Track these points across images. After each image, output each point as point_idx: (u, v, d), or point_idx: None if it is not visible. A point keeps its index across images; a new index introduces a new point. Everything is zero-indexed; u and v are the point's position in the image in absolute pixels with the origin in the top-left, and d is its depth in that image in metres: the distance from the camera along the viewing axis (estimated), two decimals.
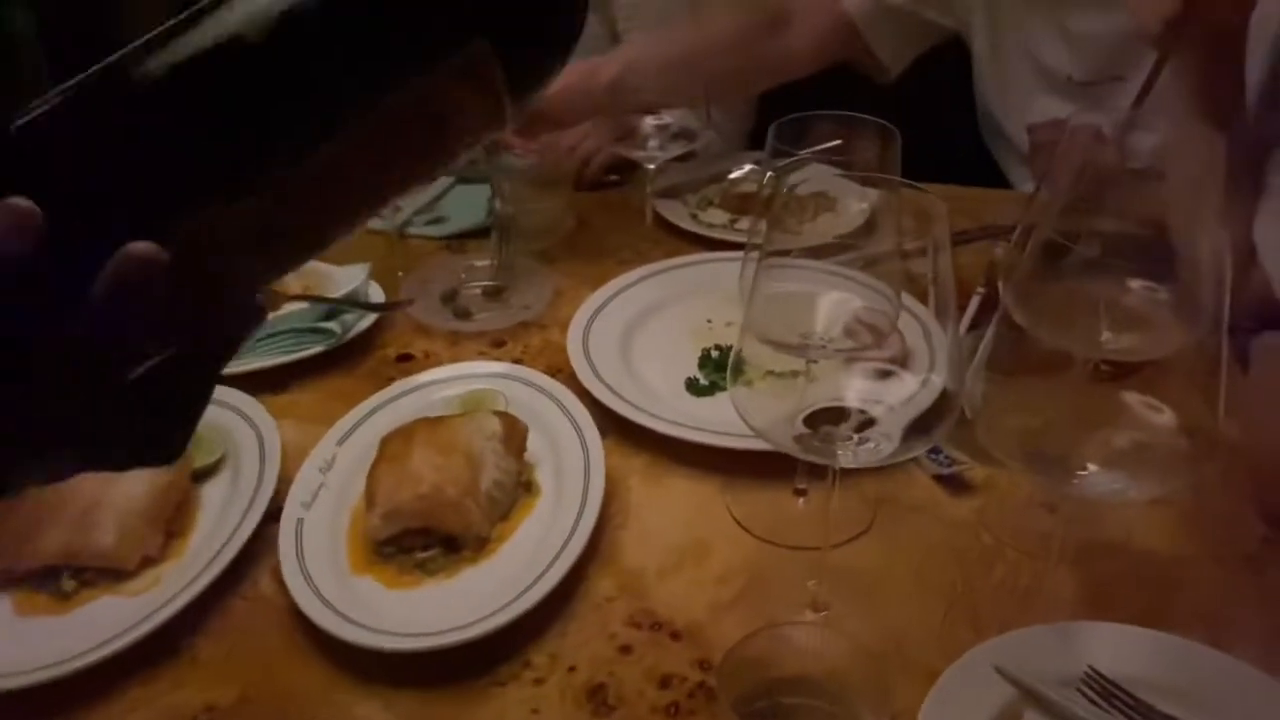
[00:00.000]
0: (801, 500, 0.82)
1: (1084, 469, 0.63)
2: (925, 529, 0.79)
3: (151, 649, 0.69)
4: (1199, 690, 0.64)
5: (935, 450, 0.85)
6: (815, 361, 0.72)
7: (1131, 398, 0.63)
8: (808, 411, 0.67)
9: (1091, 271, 0.71)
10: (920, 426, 0.67)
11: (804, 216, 1.13)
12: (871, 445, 0.65)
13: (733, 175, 1.27)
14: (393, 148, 0.41)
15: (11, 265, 0.35)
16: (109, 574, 0.74)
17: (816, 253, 0.79)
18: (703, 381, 0.93)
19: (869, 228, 1.22)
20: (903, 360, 0.71)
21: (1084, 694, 0.64)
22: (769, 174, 1.13)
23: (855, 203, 1.27)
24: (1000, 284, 0.74)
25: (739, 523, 0.80)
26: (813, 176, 1.34)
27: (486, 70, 0.40)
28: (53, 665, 0.66)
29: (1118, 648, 0.66)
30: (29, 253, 0.35)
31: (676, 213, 1.20)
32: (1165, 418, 0.62)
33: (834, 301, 0.77)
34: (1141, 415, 0.62)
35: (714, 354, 0.96)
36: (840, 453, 0.65)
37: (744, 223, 1.19)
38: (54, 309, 0.37)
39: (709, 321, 1.02)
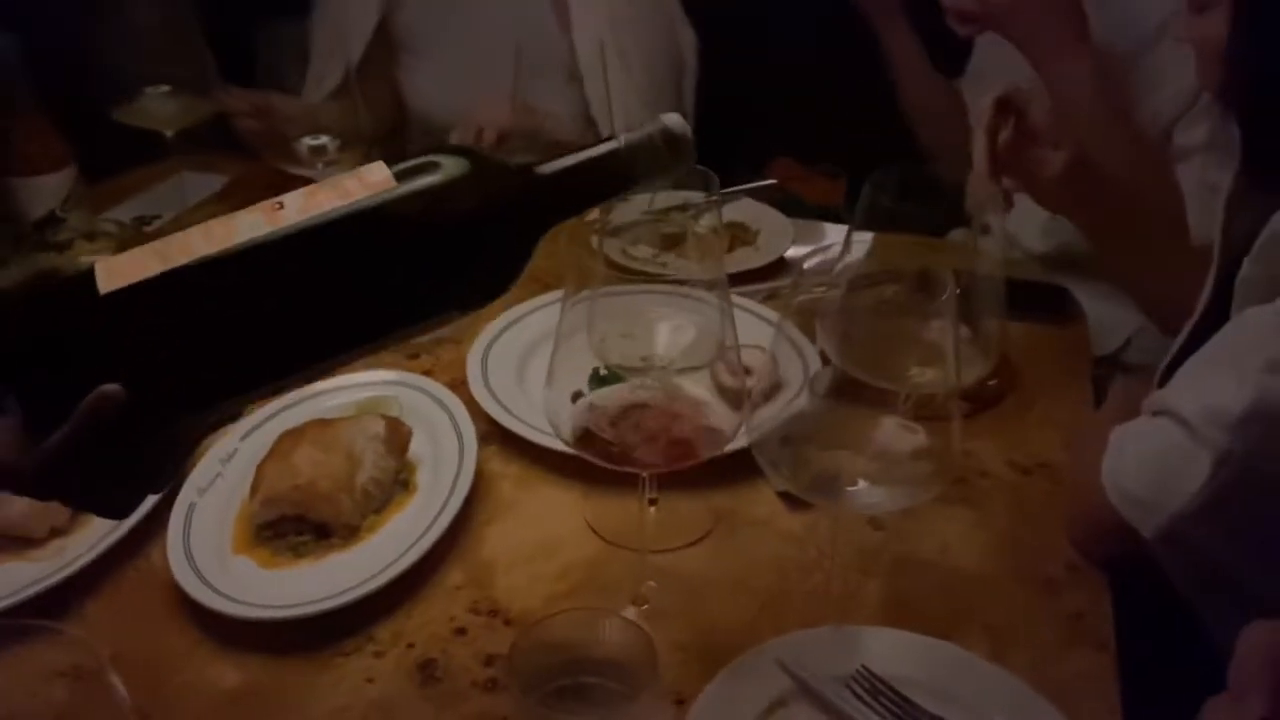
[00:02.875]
0: (653, 509, 0.89)
1: (854, 485, 0.70)
2: (758, 540, 0.86)
3: (44, 610, 0.78)
4: (966, 695, 0.71)
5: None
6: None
7: (889, 422, 0.69)
8: (617, 408, 0.75)
9: (897, 309, 0.78)
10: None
11: (716, 250, 1.21)
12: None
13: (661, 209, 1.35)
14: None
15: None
16: (19, 541, 0.83)
17: (715, 284, 0.85)
18: (586, 393, 1.01)
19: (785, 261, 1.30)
20: (770, 390, 0.78)
21: (852, 690, 0.70)
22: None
23: (779, 238, 1.35)
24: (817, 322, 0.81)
25: (589, 525, 0.88)
26: (742, 210, 1.42)
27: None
28: None
29: (895, 651, 0.73)
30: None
31: (610, 246, 1.28)
32: (917, 439, 0.68)
33: (676, 326, 0.84)
34: (897, 437, 0.69)
35: (602, 372, 1.03)
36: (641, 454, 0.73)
37: (666, 257, 1.27)
38: None
39: (603, 341, 1.09)
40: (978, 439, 0.94)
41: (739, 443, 0.74)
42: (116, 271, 0.49)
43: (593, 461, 0.79)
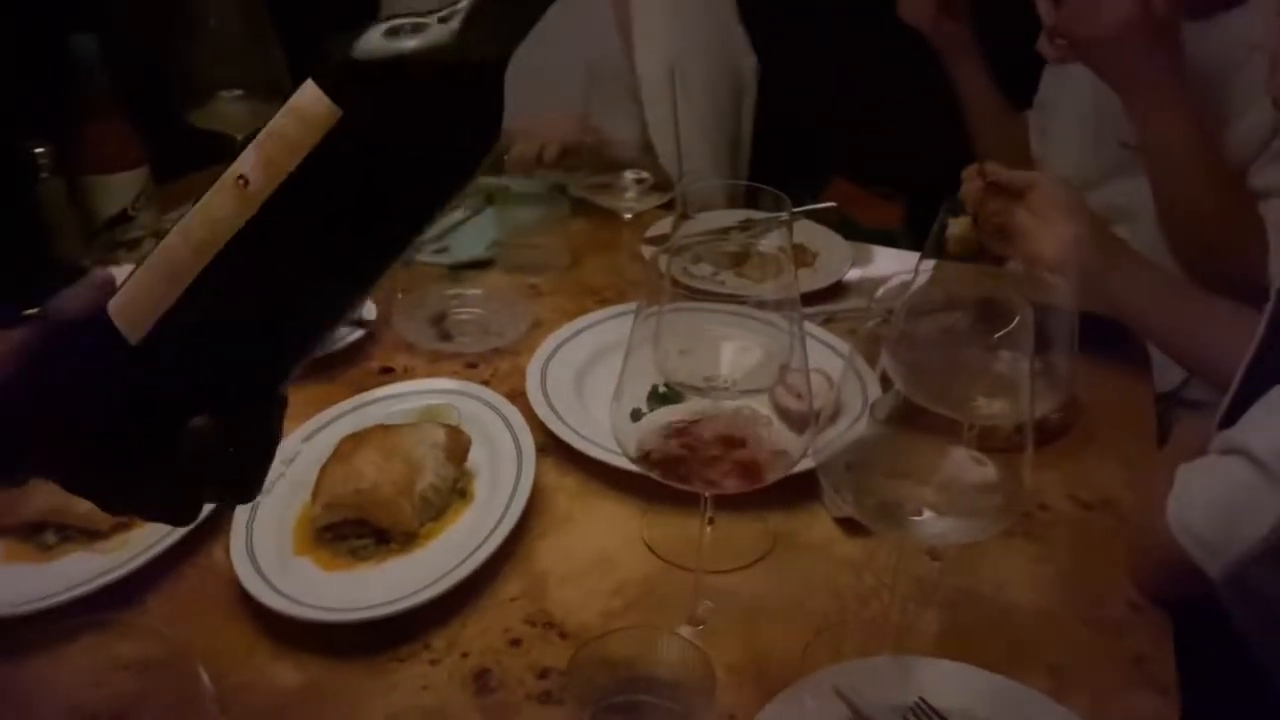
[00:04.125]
0: (709, 529, 0.89)
1: (919, 515, 0.69)
2: (815, 564, 0.86)
3: (108, 602, 0.79)
4: None
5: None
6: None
7: (958, 452, 0.69)
8: (679, 427, 0.75)
9: (964, 339, 0.77)
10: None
11: (767, 273, 1.22)
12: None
13: (720, 228, 1.35)
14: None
15: None
16: (87, 533, 0.85)
17: (778, 304, 0.84)
18: (645, 411, 1.01)
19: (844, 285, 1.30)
20: (829, 414, 0.78)
21: None
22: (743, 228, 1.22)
23: (838, 261, 1.35)
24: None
25: (646, 543, 0.88)
26: (801, 232, 1.42)
27: None
28: (23, 604, 0.77)
29: (954, 684, 0.72)
30: None
31: (673, 265, 1.28)
32: (986, 471, 0.68)
33: (740, 347, 0.84)
34: (966, 469, 0.68)
35: (661, 390, 1.03)
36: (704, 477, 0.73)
37: (724, 276, 1.28)
38: None
39: (681, 352, 1.09)
40: (1039, 472, 0.91)
41: (802, 466, 0.74)
42: (136, 318, 0.48)
43: (655, 479, 0.79)
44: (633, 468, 0.92)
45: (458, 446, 0.92)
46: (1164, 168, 1.08)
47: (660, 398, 1.04)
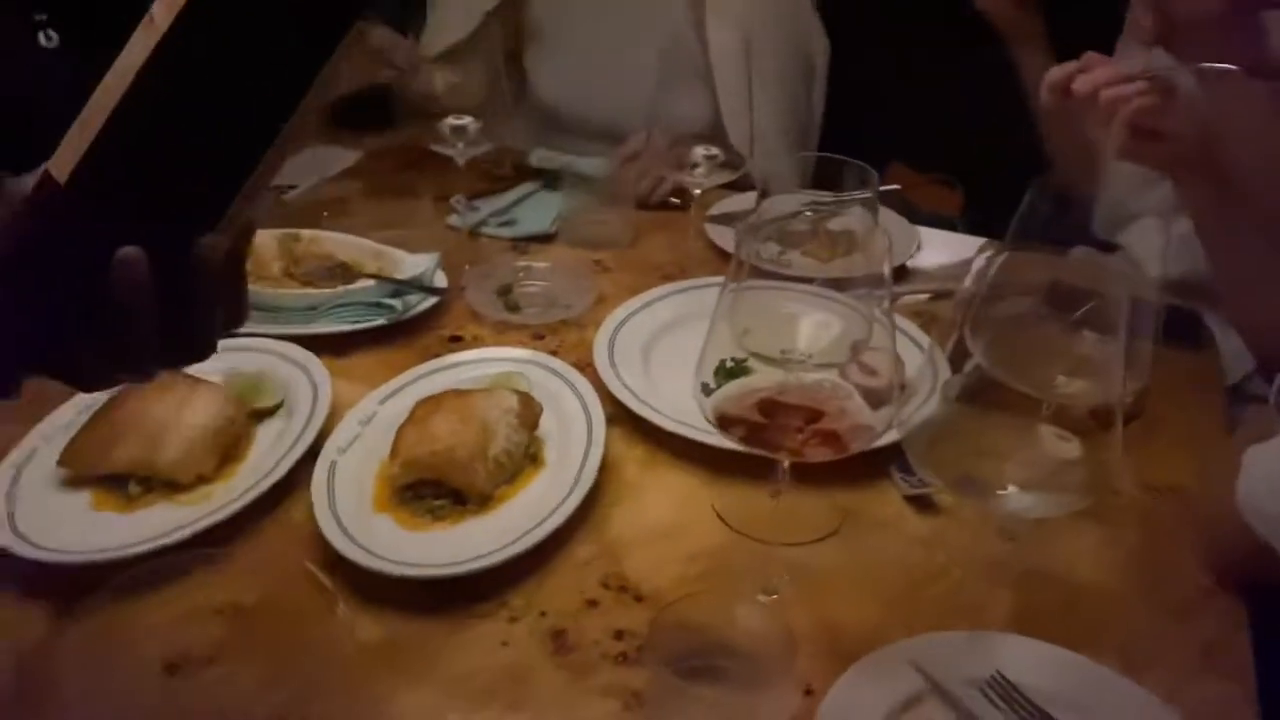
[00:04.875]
0: (776, 501, 0.90)
1: (1004, 489, 0.70)
2: (886, 540, 0.87)
3: (191, 552, 0.81)
4: (1102, 711, 0.70)
5: (909, 471, 0.92)
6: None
7: (1047, 429, 0.69)
8: (760, 397, 0.75)
9: (1049, 319, 0.78)
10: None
11: (835, 251, 1.22)
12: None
13: (789, 213, 1.36)
14: None
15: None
16: (169, 485, 0.87)
17: (838, 285, 0.85)
18: (713, 386, 1.02)
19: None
20: (894, 389, 0.79)
21: (985, 695, 0.70)
22: (807, 209, 1.22)
23: (901, 244, 1.35)
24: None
25: (717, 513, 0.89)
26: (855, 219, 1.42)
27: None
28: (113, 550, 0.79)
29: (1031, 660, 0.73)
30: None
31: (726, 237, 1.29)
32: (1073, 448, 0.68)
33: (820, 324, 0.85)
34: (1053, 445, 0.69)
35: (728, 364, 1.04)
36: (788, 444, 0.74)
37: (790, 255, 1.28)
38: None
39: (744, 333, 1.10)
40: (1094, 462, 0.93)
41: (883, 440, 0.75)
42: (63, 161, 0.49)
43: (732, 447, 0.80)
44: (702, 438, 0.93)
45: (530, 413, 0.93)
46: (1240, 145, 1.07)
47: (727, 372, 1.05)
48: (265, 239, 1.17)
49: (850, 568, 0.84)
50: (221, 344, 1.13)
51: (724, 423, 0.78)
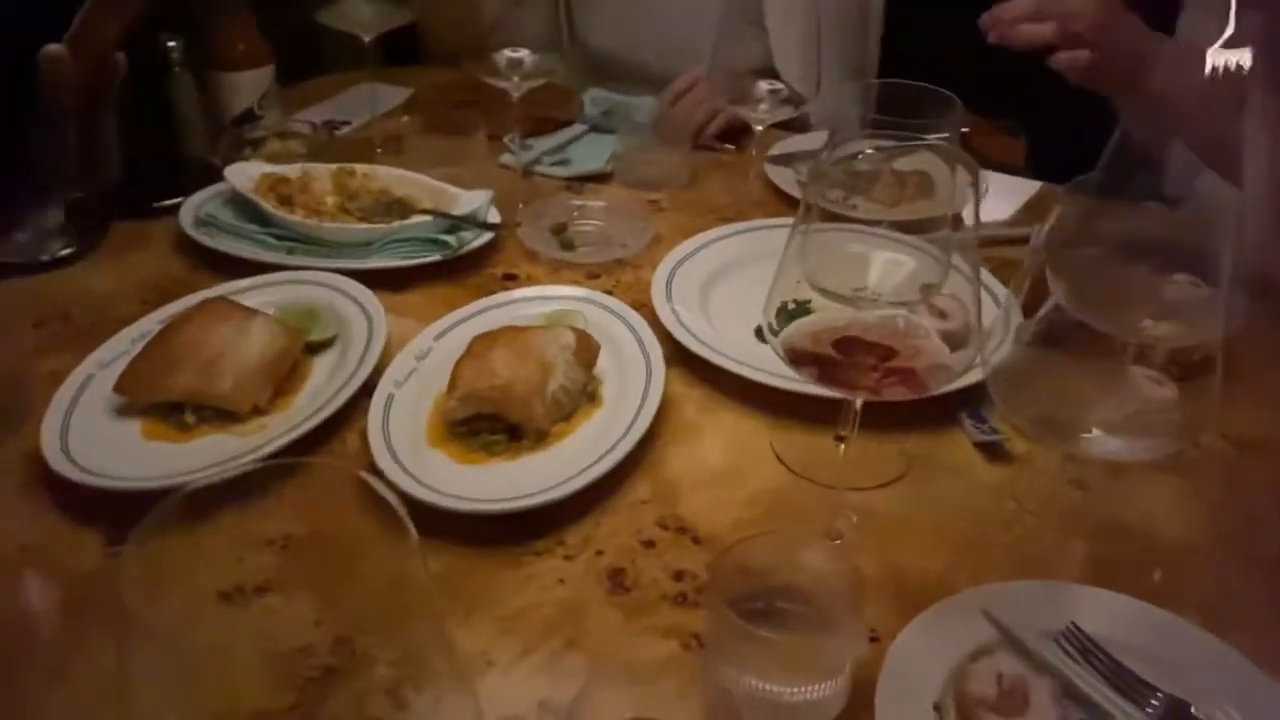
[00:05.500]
0: (841, 446, 0.87)
1: (1089, 432, 0.67)
2: (954, 488, 0.84)
3: (248, 483, 0.80)
4: (1185, 667, 0.67)
5: (980, 418, 0.89)
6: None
7: (1138, 371, 0.66)
8: (835, 336, 0.73)
9: (1137, 259, 0.74)
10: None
11: (904, 194, 1.18)
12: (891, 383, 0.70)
13: (854, 154, 1.32)
14: None
15: None
16: (224, 415, 0.86)
17: (907, 228, 0.83)
18: (775, 328, 0.99)
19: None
20: (967, 331, 0.76)
21: (1061, 645, 0.68)
22: (873, 150, 1.18)
23: (963, 190, 1.30)
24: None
25: (777, 456, 0.86)
26: (923, 162, 1.38)
27: None
28: (169, 477, 0.79)
29: (1107, 612, 0.70)
30: None
31: (786, 178, 1.26)
32: (1166, 392, 0.65)
33: (890, 264, 0.82)
34: (1145, 388, 0.65)
35: (790, 306, 1.01)
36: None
37: (856, 199, 1.24)
38: None
39: (797, 282, 1.07)
40: (1189, 406, 0.89)
41: (960, 382, 0.72)
42: None
43: (801, 385, 0.77)
44: (762, 379, 0.91)
45: (587, 351, 0.91)
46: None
47: (789, 315, 1.02)
48: (319, 173, 1.15)
49: (917, 514, 0.81)
50: (277, 276, 1.12)
51: (796, 359, 0.75)
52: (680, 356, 0.96)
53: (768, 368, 0.91)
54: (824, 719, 0.65)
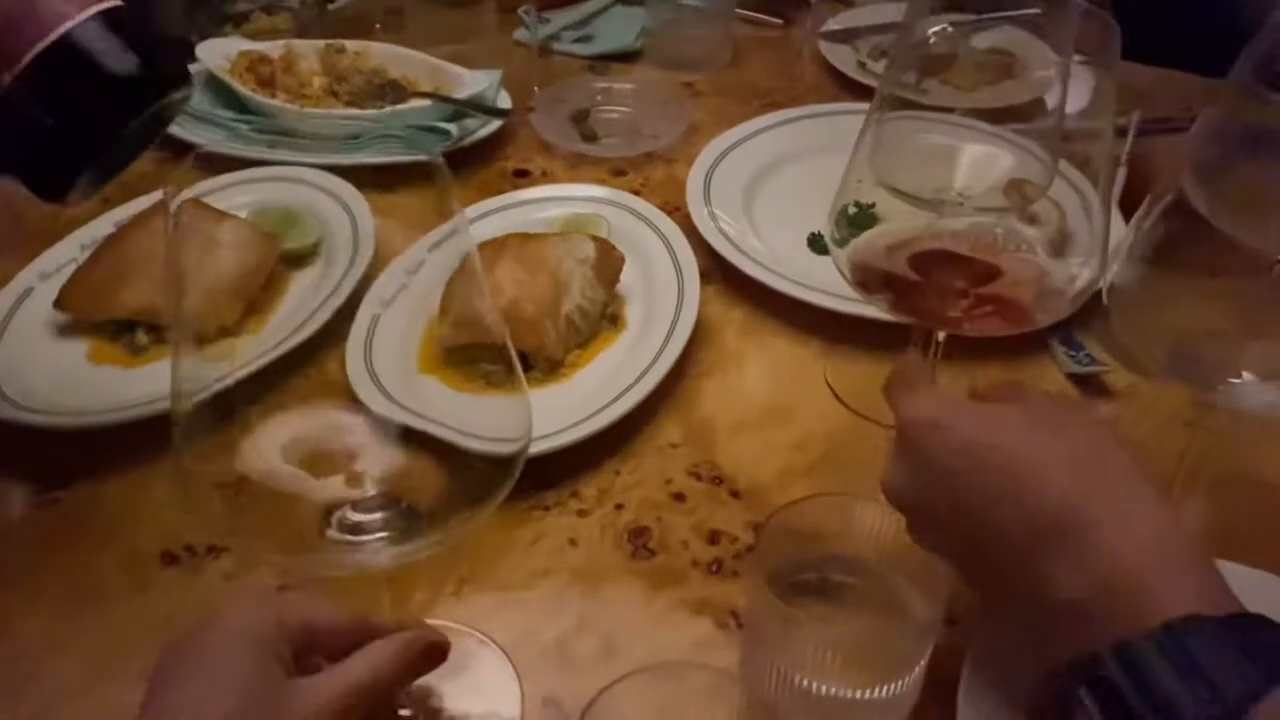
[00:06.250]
0: None
1: (1237, 376, 0.53)
2: None
3: (220, 411, 0.68)
4: None
5: (1075, 346, 0.75)
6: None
7: None
8: (915, 250, 0.59)
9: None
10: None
11: (981, 79, 1.02)
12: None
13: (927, 33, 1.15)
14: None
15: None
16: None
17: (985, 116, 0.70)
18: (836, 237, 0.85)
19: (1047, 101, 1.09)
20: (1061, 241, 0.62)
21: None
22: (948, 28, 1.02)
23: (1041, 73, 1.14)
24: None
25: (833, 391, 0.73)
26: (1005, 39, 1.21)
27: None
28: (116, 410, 0.67)
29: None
30: None
31: (843, 58, 1.09)
32: None
33: (979, 160, 0.68)
34: None
35: (851, 210, 0.87)
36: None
37: (929, 84, 1.08)
38: None
39: (859, 181, 0.93)
40: None
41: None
42: None
43: (880, 310, 0.63)
44: (816, 299, 0.77)
45: (609, 264, 0.78)
46: None
47: (851, 221, 0.87)
48: (305, 51, 1.01)
49: None
50: (254, 173, 0.99)
51: (865, 280, 0.61)
52: (719, 271, 0.82)
53: (822, 285, 0.78)
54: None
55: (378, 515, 0.48)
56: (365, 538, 0.47)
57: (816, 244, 0.85)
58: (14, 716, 0.53)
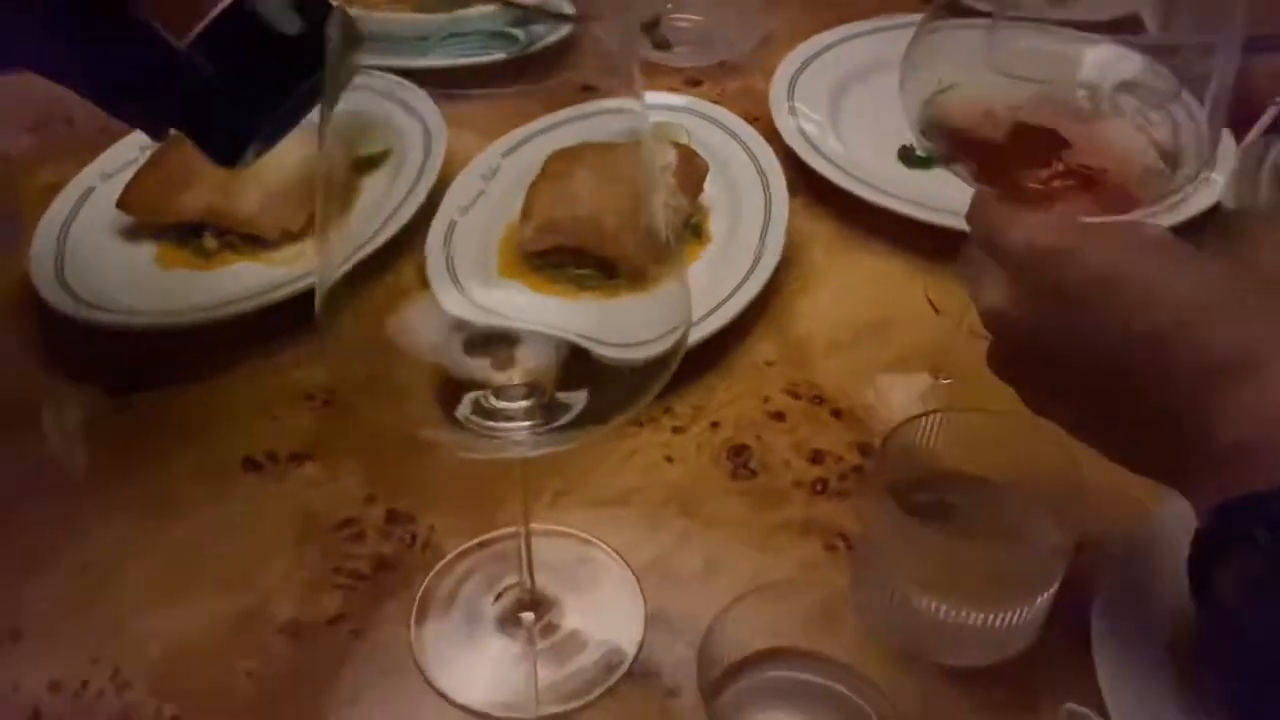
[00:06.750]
0: None
1: None
2: None
3: (282, 320, 0.65)
4: None
5: None
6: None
7: None
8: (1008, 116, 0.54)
9: None
10: None
11: None
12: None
13: None
14: None
15: None
16: (251, 240, 0.71)
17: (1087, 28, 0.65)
18: (919, 152, 0.81)
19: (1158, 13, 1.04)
20: (1174, 156, 0.58)
21: None
22: None
23: None
24: None
25: (934, 306, 0.70)
26: None
27: None
28: (188, 312, 0.64)
29: None
30: None
31: None
32: None
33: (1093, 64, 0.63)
34: None
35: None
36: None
37: None
38: None
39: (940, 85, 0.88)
40: None
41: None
42: None
43: (955, 174, 0.59)
44: (911, 211, 0.73)
45: (693, 172, 0.74)
46: None
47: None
48: None
49: None
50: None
51: (945, 139, 0.56)
52: (805, 183, 0.78)
53: (917, 197, 0.74)
54: (1013, 650, 0.51)
55: (520, 404, 0.45)
56: (506, 424, 0.44)
57: (908, 157, 0.81)
58: (88, 624, 0.51)
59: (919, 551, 0.50)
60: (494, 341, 0.49)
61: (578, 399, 0.47)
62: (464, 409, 0.45)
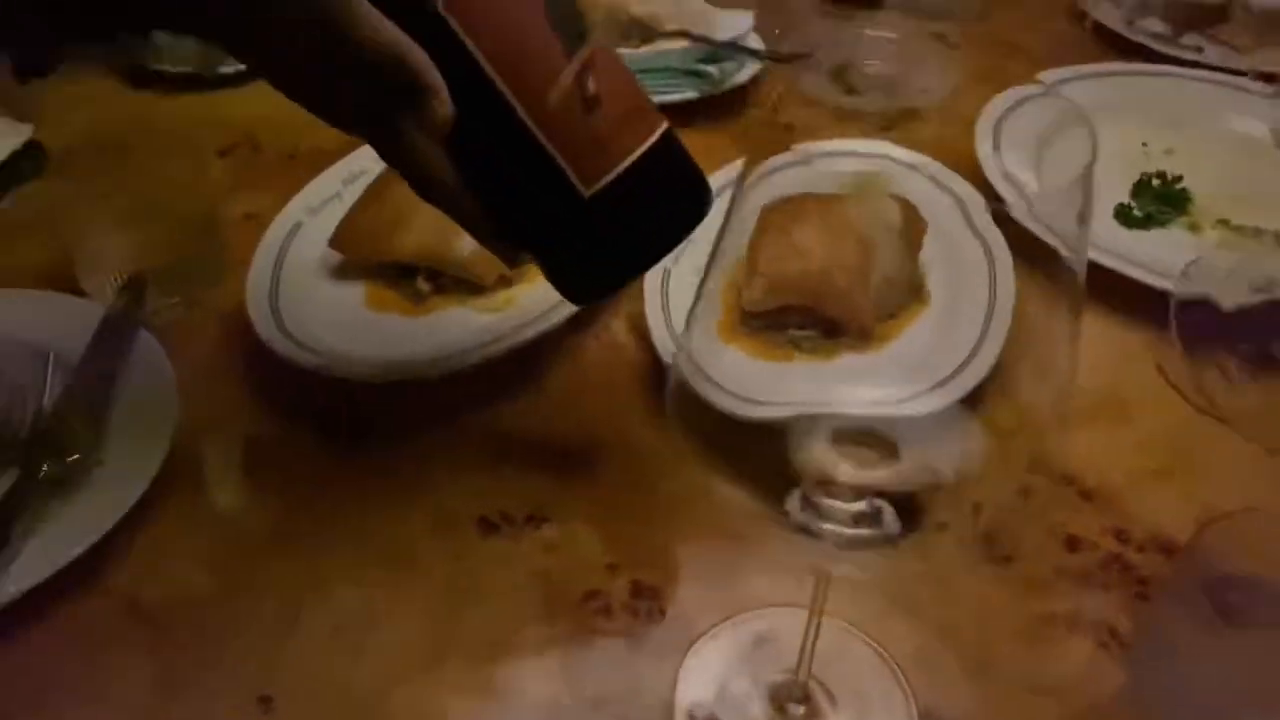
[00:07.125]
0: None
1: None
2: None
3: (496, 370, 0.63)
4: None
5: None
6: None
7: None
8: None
9: None
10: None
11: (1262, 38, 0.93)
12: None
13: None
14: None
15: None
16: (464, 285, 0.69)
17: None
18: (1137, 212, 0.78)
19: None
20: None
21: None
22: None
23: None
24: None
25: (1172, 385, 0.66)
26: None
27: None
28: (401, 364, 0.63)
29: None
30: None
31: (1107, 14, 1.01)
32: None
33: None
34: None
35: (1154, 182, 0.79)
36: None
37: (1189, 38, 0.99)
38: None
39: (1144, 145, 0.85)
40: None
41: None
42: None
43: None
44: (1141, 276, 0.70)
45: (914, 231, 0.71)
46: None
47: (1153, 194, 0.80)
48: None
49: None
50: None
51: None
52: (1020, 242, 0.75)
53: (1143, 260, 0.71)
54: None
55: (855, 506, 0.43)
56: (834, 527, 0.42)
57: (1125, 216, 0.78)
58: (343, 694, 0.49)
59: (1212, 655, 0.47)
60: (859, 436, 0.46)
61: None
62: (793, 502, 0.43)
